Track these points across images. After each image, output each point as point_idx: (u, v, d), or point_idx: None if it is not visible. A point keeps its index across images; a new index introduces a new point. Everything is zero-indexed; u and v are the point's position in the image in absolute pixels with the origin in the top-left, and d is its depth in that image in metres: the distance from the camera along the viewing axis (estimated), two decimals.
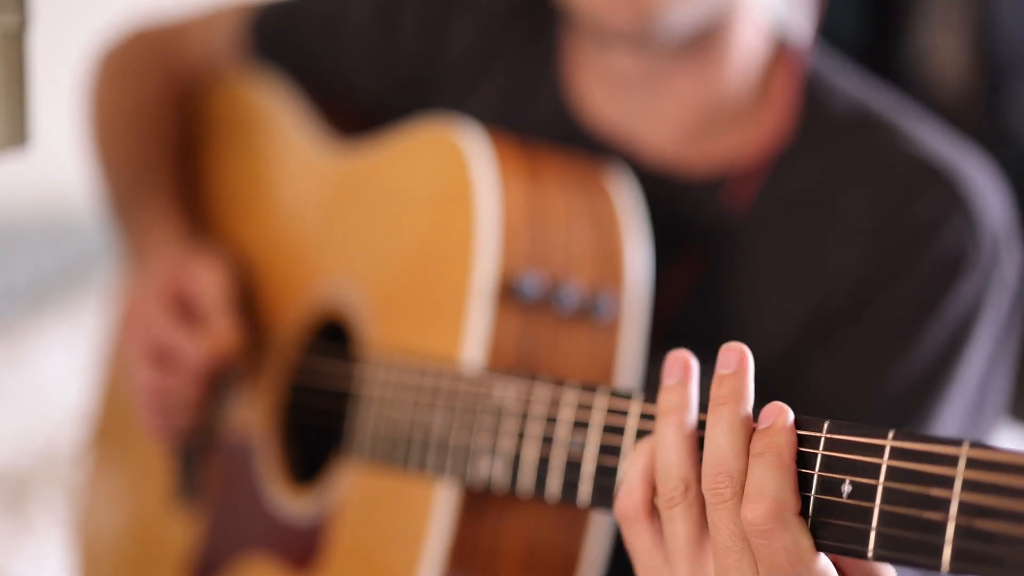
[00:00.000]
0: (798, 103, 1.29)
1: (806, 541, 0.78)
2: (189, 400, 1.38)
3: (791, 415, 0.81)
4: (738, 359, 0.84)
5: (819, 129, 1.29)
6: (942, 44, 3.64)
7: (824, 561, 0.79)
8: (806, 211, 1.26)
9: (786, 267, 1.26)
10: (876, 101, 1.31)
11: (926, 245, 1.23)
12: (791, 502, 0.79)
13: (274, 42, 1.53)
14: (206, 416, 1.42)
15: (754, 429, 0.82)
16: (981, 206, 1.25)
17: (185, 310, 1.39)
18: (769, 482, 0.79)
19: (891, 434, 0.75)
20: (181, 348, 1.35)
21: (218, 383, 1.40)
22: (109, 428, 1.60)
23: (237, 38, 1.56)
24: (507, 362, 1.11)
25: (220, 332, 1.36)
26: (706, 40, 1.27)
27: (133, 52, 1.60)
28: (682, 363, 0.87)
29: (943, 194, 1.24)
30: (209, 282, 1.38)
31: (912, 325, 1.22)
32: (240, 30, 1.55)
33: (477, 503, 1.09)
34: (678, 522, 0.84)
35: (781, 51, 1.33)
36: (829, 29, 1.40)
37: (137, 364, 1.38)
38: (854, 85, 1.33)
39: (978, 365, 1.25)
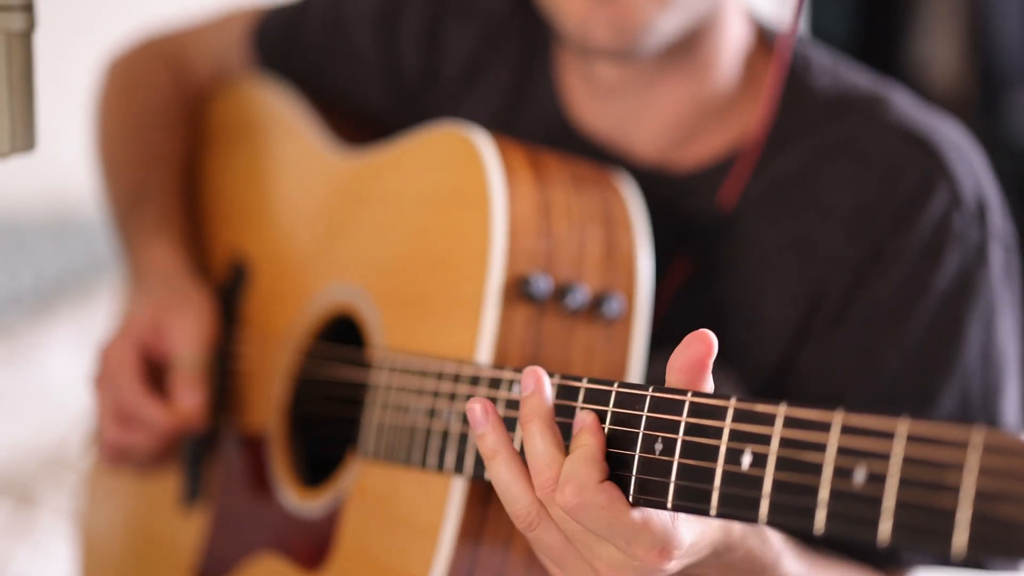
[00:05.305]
0: (782, 90, 1.28)
1: (615, 492, 0.87)
2: (150, 455, 1.40)
3: (591, 416, 0.90)
4: (534, 381, 0.92)
5: (802, 113, 1.28)
6: (939, 51, 3.66)
7: (639, 512, 0.87)
8: (793, 198, 1.26)
9: (778, 257, 1.25)
10: (855, 79, 1.31)
11: (912, 222, 1.22)
12: (592, 475, 0.87)
13: (278, 51, 1.54)
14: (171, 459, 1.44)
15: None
16: (963, 174, 1.24)
17: (156, 372, 1.41)
18: (570, 470, 0.88)
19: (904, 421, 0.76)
20: (145, 414, 1.37)
21: (182, 442, 1.43)
22: None
23: (244, 46, 1.57)
24: (518, 360, 1.12)
25: (187, 406, 1.38)
26: (692, 42, 1.27)
27: (143, 61, 1.61)
28: (484, 410, 0.93)
29: (925, 166, 1.23)
30: (185, 349, 1.39)
31: (903, 304, 1.22)
32: (246, 39, 1.56)
33: (488, 495, 1.10)
34: (544, 539, 0.92)
35: (765, 39, 1.32)
36: (825, 35, 1.41)
37: (101, 419, 1.40)
38: (834, 66, 1.32)
39: (1009, 338, 1.24)
